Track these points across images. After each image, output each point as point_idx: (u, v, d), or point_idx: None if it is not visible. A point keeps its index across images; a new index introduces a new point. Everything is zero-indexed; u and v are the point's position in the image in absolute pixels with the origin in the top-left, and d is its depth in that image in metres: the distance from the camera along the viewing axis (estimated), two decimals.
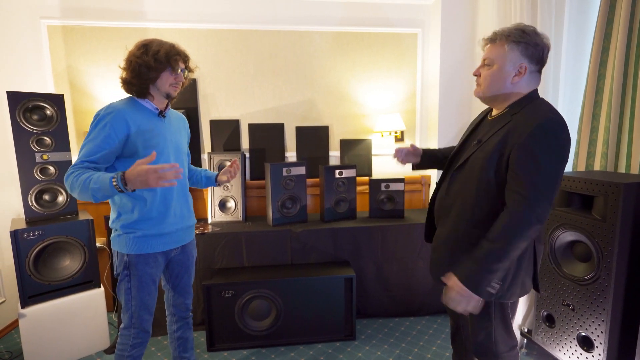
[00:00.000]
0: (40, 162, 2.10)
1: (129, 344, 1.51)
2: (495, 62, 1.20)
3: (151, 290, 1.52)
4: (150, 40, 1.46)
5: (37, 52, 2.58)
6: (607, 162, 1.94)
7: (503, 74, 1.19)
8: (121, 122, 1.38)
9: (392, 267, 2.53)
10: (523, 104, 1.19)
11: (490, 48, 1.23)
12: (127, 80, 1.45)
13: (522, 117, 1.15)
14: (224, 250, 2.39)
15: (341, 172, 2.61)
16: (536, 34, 1.18)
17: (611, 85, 1.88)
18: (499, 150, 1.16)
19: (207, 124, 2.85)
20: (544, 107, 1.17)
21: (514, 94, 1.22)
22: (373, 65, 2.95)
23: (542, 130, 1.09)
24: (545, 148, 1.09)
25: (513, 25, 1.20)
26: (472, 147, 1.28)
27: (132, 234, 1.46)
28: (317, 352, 2.20)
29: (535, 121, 1.11)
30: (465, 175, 1.27)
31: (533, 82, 1.22)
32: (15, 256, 1.96)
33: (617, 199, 1.52)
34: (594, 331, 1.65)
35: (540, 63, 1.20)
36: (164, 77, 1.46)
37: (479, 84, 1.27)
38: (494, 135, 1.20)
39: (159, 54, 1.41)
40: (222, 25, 2.77)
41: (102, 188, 1.26)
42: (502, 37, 1.19)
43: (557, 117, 1.12)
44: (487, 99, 1.28)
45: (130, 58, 1.43)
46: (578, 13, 2.12)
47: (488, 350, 1.33)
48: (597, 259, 1.62)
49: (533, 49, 1.16)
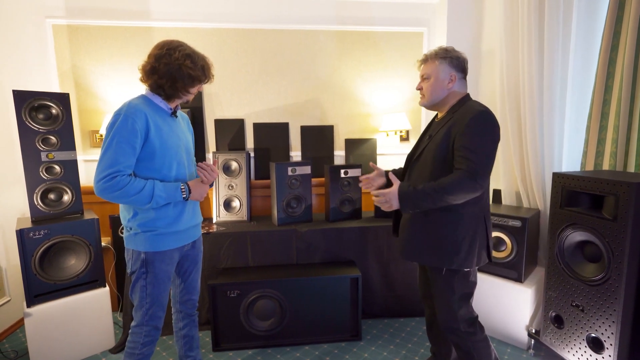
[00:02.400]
0: (46, 161, 2.10)
1: (140, 341, 1.51)
2: (431, 75, 1.53)
3: (166, 287, 1.55)
4: (191, 50, 1.47)
5: (42, 52, 2.59)
6: (617, 161, 1.92)
7: (439, 83, 1.52)
8: (143, 118, 1.39)
9: (398, 267, 2.52)
10: (460, 104, 1.51)
11: (425, 66, 1.56)
12: (164, 85, 1.44)
13: (460, 114, 1.46)
14: (229, 250, 2.38)
15: (346, 171, 2.60)
16: (455, 51, 1.53)
17: (620, 83, 1.86)
18: (447, 140, 1.46)
19: (211, 124, 2.85)
20: (475, 104, 1.48)
21: (451, 97, 1.53)
22: (378, 64, 2.94)
23: (475, 120, 1.40)
24: (479, 132, 1.39)
25: (437, 47, 1.55)
26: (425, 142, 1.56)
27: (151, 232, 1.47)
28: (322, 352, 2.19)
29: (470, 115, 1.41)
30: (421, 164, 1.54)
31: (463, 86, 1.56)
32: (21, 255, 1.96)
33: (628, 198, 1.50)
34: (604, 332, 1.64)
35: (464, 71, 1.55)
36: (195, 87, 1.51)
37: (422, 95, 1.58)
38: (441, 129, 1.49)
39: (205, 69, 1.49)
40: (227, 25, 2.76)
41: (169, 196, 1.45)
42: (432, 56, 1.53)
43: (486, 110, 1.44)
44: (431, 106, 1.59)
45: (174, 66, 1.41)
46: (586, 11, 2.10)
47: (451, 319, 1.53)
48: (607, 259, 1.60)
49: (457, 61, 1.52)
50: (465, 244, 1.46)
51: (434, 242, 1.49)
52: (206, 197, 2.76)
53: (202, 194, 1.55)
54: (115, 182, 1.34)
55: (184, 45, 1.46)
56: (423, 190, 1.40)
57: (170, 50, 1.42)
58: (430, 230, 1.50)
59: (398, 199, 1.44)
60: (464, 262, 1.47)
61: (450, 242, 1.46)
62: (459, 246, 1.46)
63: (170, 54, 1.41)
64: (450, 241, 1.46)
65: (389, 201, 1.46)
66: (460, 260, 1.46)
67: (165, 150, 1.45)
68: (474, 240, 1.47)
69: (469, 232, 1.46)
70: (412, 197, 1.42)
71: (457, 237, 1.46)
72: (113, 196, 1.36)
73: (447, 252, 1.47)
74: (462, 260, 1.46)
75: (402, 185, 1.46)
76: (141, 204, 1.40)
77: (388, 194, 1.46)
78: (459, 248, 1.46)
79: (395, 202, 1.45)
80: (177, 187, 1.47)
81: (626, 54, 1.82)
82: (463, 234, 1.46)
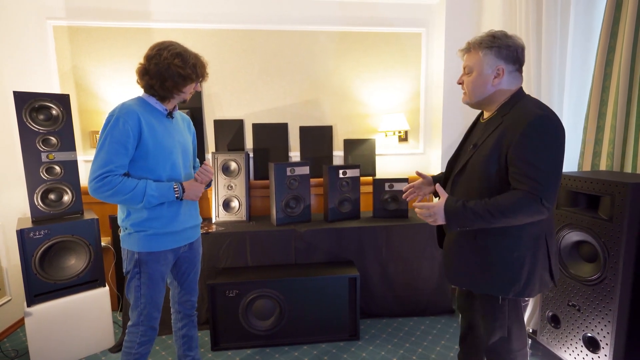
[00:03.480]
0: (46, 161, 2.12)
1: (136, 341, 1.52)
2: (473, 68, 1.29)
3: (161, 288, 1.55)
4: (183, 49, 1.46)
5: (43, 53, 2.60)
6: (614, 161, 1.93)
7: (483, 78, 1.27)
8: (135, 120, 1.41)
9: (396, 267, 2.53)
10: (511, 104, 1.26)
11: (467, 57, 1.33)
12: (155, 85, 1.45)
13: (513, 117, 1.21)
14: (228, 250, 2.39)
15: (345, 172, 2.61)
16: (507, 37, 1.26)
17: (617, 84, 1.87)
18: (497, 152, 1.22)
19: (211, 124, 2.86)
20: (531, 104, 1.22)
21: (499, 95, 1.29)
22: (377, 65, 2.95)
23: (533, 128, 1.14)
24: (539, 144, 1.14)
25: (484, 33, 1.29)
26: (469, 152, 1.33)
27: (144, 232, 1.48)
28: (321, 352, 2.20)
29: (526, 120, 1.16)
30: (467, 179, 1.32)
31: (514, 81, 1.29)
32: (22, 255, 1.98)
33: (624, 199, 1.51)
34: (600, 332, 1.65)
35: (517, 62, 1.28)
36: (191, 87, 1.50)
37: (464, 92, 1.35)
38: (489, 138, 1.26)
39: (197, 67, 1.46)
40: (227, 25, 2.78)
41: (161, 196, 1.44)
42: (475, 46, 1.28)
43: (546, 112, 1.17)
44: (475, 104, 1.35)
45: (164, 65, 1.41)
46: (584, 12, 2.11)
47: (502, 349, 1.35)
48: (603, 259, 1.61)
49: (506, 51, 1.25)
50: (524, 270, 1.23)
51: (487, 266, 1.27)
52: (205, 197, 2.79)
53: (197, 193, 1.54)
54: (106, 181, 1.36)
55: (174, 45, 1.46)
56: (474, 210, 1.19)
57: (161, 50, 1.43)
58: (482, 253, 1.28)
59: (444, 216, 1.25)
60: (524, 291, 1.24)
61: (506, 267, 1.25)
62: (517, 272, 1.23)
63: (160, 54, 1.42)
64: (507, 266, 1.24)
65: (434, 215, 1.26)
66: (519, 288, 1.24)
67: (159, 150, 1.46)
68: (535, 264, 1.24)
69: (528, 256, 1.23)
70: (460, 215, 1.22)
71: (515, 261, 1.23)
72: (105, 196, 1.38)
73: (503, 279, 1.25)
74: (521, 288, 1.24)
75: (450, 200, 1.26)
76: (134, 203, 1.41)
77: (433, 207, 1.26)
78: (518, 275, 1.23)
79: (441, 217, 1.25)
80: (170, 187, 1.46)
81: (623, 54, 1.83)
82: (522, 259, 1.23)
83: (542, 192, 1.12)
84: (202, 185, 1.56)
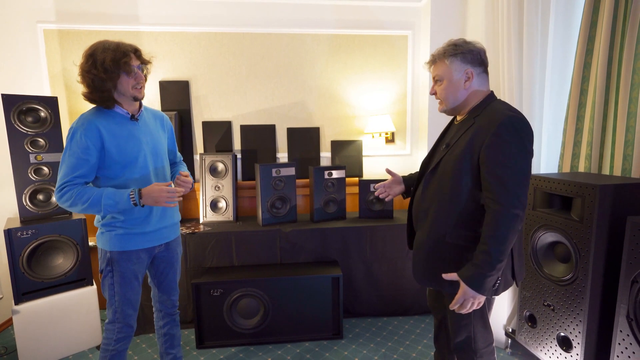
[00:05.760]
0: (35, 162, 2.16)
1: (113, 338, 1.55)
2: (443, 77, 1.33)
3: (134, 286, 1.56)
4: (94, 48, 1.40)
5: (33, 55, 2.65)
6: (591, 163, 1.95)
7: (454, 84, 1.32)
8: (94, 131, 1.42)
9: (381, 266, 2.56)
10: (483, 106, 1.30)
11: (434, 68, 1.36)
12: (88, 95, 1.44)
13: (484, 118, 1.24)
14: (214, 250, 2.43)
15: (330, 172, 2.64)
16: (467, 43, 1.31)
17: (595, 87, 1.89)
18: (469, 153, 1.24)
19: (199, 125, 2.90)
20: (502, 106, 1.25)
21: (472, 97, 1.33)
22: (364, 67, 2.98)
23: (504, 128, 1.18)
24: (510, 145, 1.17)
25: (445, 44, 1.34)
26: (442, 152, 1.36)
27: (114, 231, 1.50)
28: (304, 350, 2.24)
29: (497, 121, 1.19)
30: (439, 179, 1.33)
31: (484, 82, 1.34)
32: (9, 254, 2.02)
33: (593, 200, 1.53)
34: (572, 331, 1.67)
35: (482, 64, 1.33)
36: (123, 83, 1.43)
37: (439, 101, 1.39)
38: (460, 139, 1.29)
39: (106, 63, 1.37)
40: (216, 28, 2.81)
41: (118, 203, 1.40)
42: (440, 56, 1.33)
43: (517, 114, 1.21)
44: (451, 110, 1.39)
45: (82, 73, 1.40)
46: (563, 15, 2.13)
47: (467, 347, 1.39)
48: (575, 259, 1.63)
49: (470, 55, 1.30)
50: None
51: (453, 266, 1.28)
52: (193, 197, 2.83)
53: (158, 199, 1.42)
54: (64, 192, 1.40)
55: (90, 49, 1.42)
56: (480, 265, 1.17)
57: (82, 60, 1.42)
58: (448, 252, 1.30)
59: (471, 289, 1.19)
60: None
61: None
62: None
63: (80, 66, 1.42)
64: None
65: (468, 300, 1.21)
66: None
67: (124, 155, 1.47)
68: None
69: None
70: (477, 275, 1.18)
71: None
72: (66, 206, 1.41)
73: None
74: None
75: (462, 273, 1.22)
76: (94, 211, 1.42)
77: (461, 297, 1.22)
78: None
79: (472, 293, 1.20)
80: (125, 194, 1.41)
81: (600, 58, 1.85)
82: None
83: (512, 198, 1.15)
84: (164, 190, 1.43)
